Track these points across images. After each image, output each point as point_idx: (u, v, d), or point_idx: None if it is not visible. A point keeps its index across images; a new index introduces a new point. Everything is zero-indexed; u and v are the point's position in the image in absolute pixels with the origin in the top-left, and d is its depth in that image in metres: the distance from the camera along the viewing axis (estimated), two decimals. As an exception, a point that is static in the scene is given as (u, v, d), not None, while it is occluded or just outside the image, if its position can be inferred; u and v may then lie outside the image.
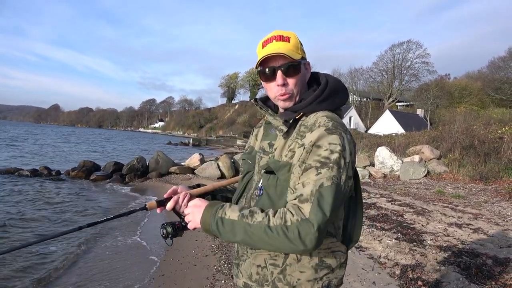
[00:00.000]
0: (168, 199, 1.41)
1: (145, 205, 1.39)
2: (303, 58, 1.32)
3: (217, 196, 1.59)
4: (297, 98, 1.32)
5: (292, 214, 1.09)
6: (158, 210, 1.40)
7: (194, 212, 1.28)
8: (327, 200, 1.09)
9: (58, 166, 15.04)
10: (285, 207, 1.15)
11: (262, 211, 1.16)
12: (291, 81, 1.28)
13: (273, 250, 1.19)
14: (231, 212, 1.17)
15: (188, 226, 1.31)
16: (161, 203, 1.40)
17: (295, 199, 1.13)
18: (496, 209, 7.29)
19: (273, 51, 1.24)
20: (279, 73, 1.27)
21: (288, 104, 1.32)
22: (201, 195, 1.52)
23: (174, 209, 1.41)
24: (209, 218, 1.21)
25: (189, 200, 1.45)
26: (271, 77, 1.29)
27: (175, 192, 1.45)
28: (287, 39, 1.28)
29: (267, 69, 1.29)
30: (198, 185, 1.57)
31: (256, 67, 1.32)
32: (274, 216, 1.12)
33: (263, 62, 1.29)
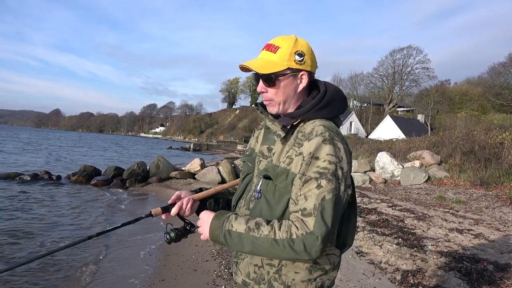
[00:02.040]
0: (172, 205, 1.47)
1: (151, 212, 1.45)
2: (291, 68, 1.30)
3: (219, 200, 1.63)
4: (281, 107, 1.35)
5: (297, 228, 1.14)
6: (163, 216, 1.47)
7: (203, 225, 1.33)
8: (329, 212, 1.14)
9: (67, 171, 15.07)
10: (289, 218, 1.20)
11: (268, 222, 1.20)
12: (270, 90, 1.33)
13: (281, 259, 1.26)
14: (238, 225, 1.22)
15: (201, 238, 1.35)
16: (166, 209, 1.47)
17: (297, 211, 1.17)
18: (497, 215, 7.28)
19: (247, 63, 1.31)
20: (260, 81, 1.34)
21: (272, 110, 1.37)
22: (204, 199, 1.58)
23: (178, 214, 1.47)
24: (217, 230, 1.26)
25: (192, 205, 1.51)
26: (257, 83, 1.37)
27: (178, 198, 1.51)
28: (275, 50, 1.31)
29: (254, 75, 1.36)
30: (200, 189, 1.61)
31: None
32: (279, 229, 1.16)
33: None
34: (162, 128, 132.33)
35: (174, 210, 1.45)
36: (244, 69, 1.34)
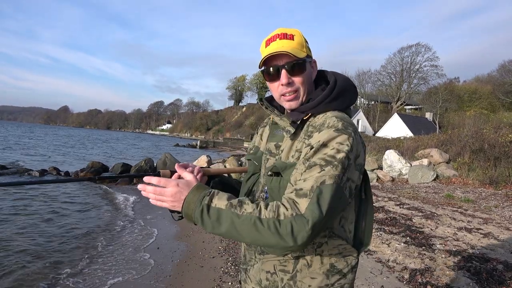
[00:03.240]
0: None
1: (159, 172, 1.30)
2: (309, 56, 1.27)
3: (226, 185, 1.51)
4: (304, 98, 1.27)
5: (286, 208, 1.03)
6: (175, 175, 1.31)
7: (177, 194, 1.12)
8: (326, 198, 1.03)
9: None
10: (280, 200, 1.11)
11: (252, 201, 1.09)
12: (296, 80, 1.24)
13: (258, 243, 1.11)
14: (218, 200, 1.08)
15: (166, 206, 1.15)
16: (176, 172, 1.32)
17: (292, 192, 1.08)
18: (507, 214, 7.19)
19: (277, 50, 1.20)
20: (283, 72, 1.22)
21: (294, 105, 1.26)
22: (213, 176, 1.47)
23: None
24: (194, 203, 1.09)
25: (201, 177, 1.38)
26: (275, 77, 1.25)
27: (186, 166, 1.37)
28: (291, 37, 1.23)
29: (271, 68, 1.24)
30: (208, 167, 1.52)
31: (260, 67, 1.28)
32: (266, 208, 1.05)
33: (267, 61, 1.25)
34: (169, 125, 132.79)
35: (185, 174, 1.27)
36: (268, 60, 1.24)
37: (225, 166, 13.20)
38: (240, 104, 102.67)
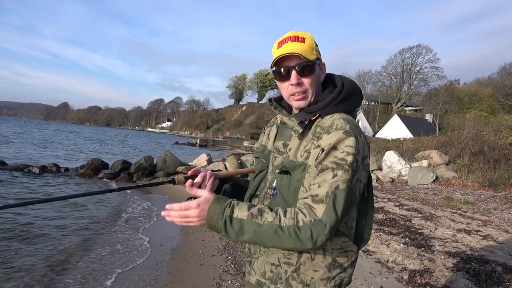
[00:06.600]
0: (194, 176, 1.43)
1: (174, 178, 1.39)
2: (318, 59, 1.33)
3: (237, 186, 1.59)
4: (312, 99, 1.33)
5: (304, 215, 1.11)
6: (186, 184, 1.39)
7: (199, 209, 1.18)
8: (340, 202, 1.11)
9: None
10: (296, 206, 1.17)
11: (271, 209, 1.15)
12: (305, 81, 1.30)
13: (280, 248, 1.22)
14: (239, 211, 1.15)
15: (195, 225, 1.23)
16: (189, 178, 1.41)
17: (307, 197, 1.15)
18: (506, 216, 7.21)
19: (288, 51, 1.26)
20: (293, 72, 1.28)
21: (302, 104, 1.32)
22: (224, 179, 1.56)
23: (199, 187, 1.41)
24: (216, 215, 1.16)
25: (213, 181, 1.47)
26: (285, 77, 1.31)
27: (198, 171, 1.46)
28: (302, 40, 1.30)
29: (282, 69, 1.31)
30: (219, 170, 1.59)
31: (271, 67, 1.34)
32: (285, 215, 1.12)
33: (278, 62, 1.31)
34: (169, 123, 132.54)
35: (198, 178, 1.41)
36: (279, 61, 1.30)
37: (225, 165, 13.21)
38: (240, 103, 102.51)
